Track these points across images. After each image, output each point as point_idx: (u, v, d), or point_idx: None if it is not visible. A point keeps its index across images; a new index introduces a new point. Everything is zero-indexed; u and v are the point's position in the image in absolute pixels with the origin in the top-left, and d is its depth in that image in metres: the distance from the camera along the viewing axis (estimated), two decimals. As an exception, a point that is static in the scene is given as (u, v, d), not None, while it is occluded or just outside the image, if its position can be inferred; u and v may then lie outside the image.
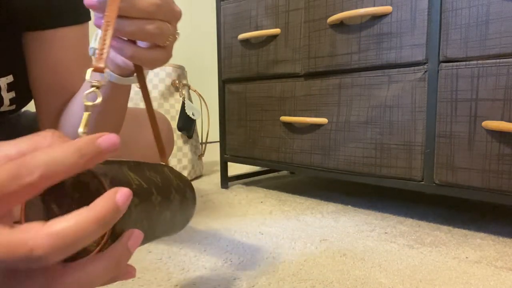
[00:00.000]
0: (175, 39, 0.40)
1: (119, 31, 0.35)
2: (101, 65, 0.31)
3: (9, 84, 0.57)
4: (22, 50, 0.56)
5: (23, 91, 0.59)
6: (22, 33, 0.55)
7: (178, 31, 0.40)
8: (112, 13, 0.32)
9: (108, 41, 0.31)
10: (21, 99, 0.61)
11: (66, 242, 0.22)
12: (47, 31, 0.54)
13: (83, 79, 0.55)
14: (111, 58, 0.45)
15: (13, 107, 0.60)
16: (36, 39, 0.54)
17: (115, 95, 0.50)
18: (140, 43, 0.38)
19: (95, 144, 0.24)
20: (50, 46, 0.54)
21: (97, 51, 0.34)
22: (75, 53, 0.57)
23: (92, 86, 0.30)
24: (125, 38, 0.37)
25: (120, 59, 0.44)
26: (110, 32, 0.31)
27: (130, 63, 0.42)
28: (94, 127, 0.51)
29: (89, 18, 0.58)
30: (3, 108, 0.59)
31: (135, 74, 0.47)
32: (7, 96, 0.58)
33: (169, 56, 0.40)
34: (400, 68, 0.75)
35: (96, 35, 0.45)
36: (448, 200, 0.98)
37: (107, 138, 0.25)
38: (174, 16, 0.38)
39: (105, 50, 0.31)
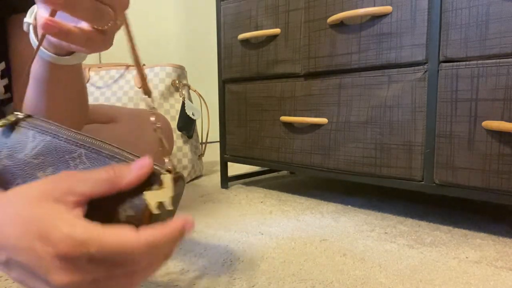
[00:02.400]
0: (116, 26, 0.38)
1: (52, 4, 0.33)
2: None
3: (2, 71, 0.59)
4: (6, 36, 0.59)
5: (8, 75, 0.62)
6: (7, 19, 0.58)
7: (121, 20, 0.38)
8: None
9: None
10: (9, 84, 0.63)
11: (156, 251, 0.27)
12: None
13: None
14: (46, 36, 0.42)
15: (9, 95, 0.62)
16: (17, 22, 0.57)
17: (59, 76, 0.49)
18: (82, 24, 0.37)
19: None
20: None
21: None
22: None
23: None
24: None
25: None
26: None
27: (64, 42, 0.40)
28: (45, 111, 0.51)
29: None
30: (0, 96, 0.61)
31: (72, 54, 0.46)
32: (1, 83, 0.60)
33: (107, 43, 0.39)
34: (400, 68, 0.75)
35: (32, 11, 0.45)
36: (448, 200, 0.98)
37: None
38: (120, 2, 0.36)
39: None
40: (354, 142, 0.82)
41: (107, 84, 1.22)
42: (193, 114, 1.24)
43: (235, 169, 1.41)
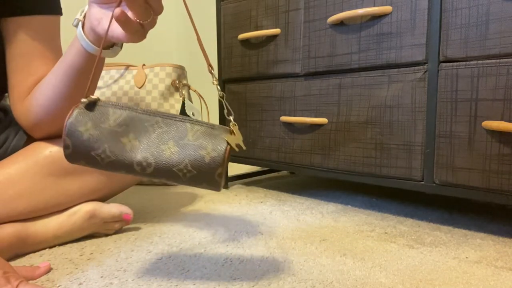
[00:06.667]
0: (152, 23, 0.48)
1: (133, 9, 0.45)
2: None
3: None
4: (1, 36, 0.64)
5: (2, 75, 0.66)
6: (1, 19, 0.63)
7: (155, 20, 0.49)
8: None
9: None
10: (2, 84, 0.67)
11: None
12: (27, 17, 0.63)
13: (53, 64, 0.66)
14: (95, 30, 0.52)
15: None
16: (15, 23, 0.63)
17: (91, 66, 0.59)
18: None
19: None
20: (27, 30, 0.63)
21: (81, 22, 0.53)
22: (48, 39, 0.66)
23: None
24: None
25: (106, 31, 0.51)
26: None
27: (113, 37, 0.50)
28: (64, 96, 0.61)
29: (61, 13, 0.68)
30: None
31: (110, 48, 0.57)
32: None
33: (143, 36, 0.49)
34: (400, 68, 0.75)
35: (82, 11, 0.55)
36: (448, 200, 0.98)
37: None
38: (158, 6, 0.47)
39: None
40: (354, 142, 0.82)
41: (107, 84, 1.22)
42: (193, 114, 1.24)
43: (235, 169, 1.41)
